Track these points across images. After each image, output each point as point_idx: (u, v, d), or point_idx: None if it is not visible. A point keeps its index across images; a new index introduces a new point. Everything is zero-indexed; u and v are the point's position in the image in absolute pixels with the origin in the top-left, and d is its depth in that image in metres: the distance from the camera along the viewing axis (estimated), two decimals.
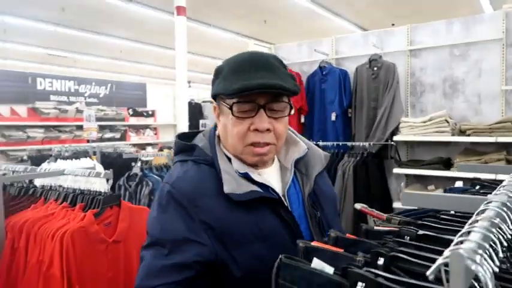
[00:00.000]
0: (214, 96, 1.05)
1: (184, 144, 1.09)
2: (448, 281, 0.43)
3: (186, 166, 1.03)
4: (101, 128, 7.87)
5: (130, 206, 1.94)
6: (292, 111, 1.04)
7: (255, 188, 0.98)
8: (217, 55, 13.07)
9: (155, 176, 3.37)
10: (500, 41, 3.48)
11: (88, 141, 5.82)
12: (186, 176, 1.01)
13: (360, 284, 0.55)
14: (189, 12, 7.57)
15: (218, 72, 1.03)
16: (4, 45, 11.85)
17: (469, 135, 3.36)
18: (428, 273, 0.45)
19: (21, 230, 1.74)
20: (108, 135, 8.31)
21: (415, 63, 3.95)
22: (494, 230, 0.53)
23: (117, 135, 8.51)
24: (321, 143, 4.14)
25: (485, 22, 3.59)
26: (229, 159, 1.04)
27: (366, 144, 3.83)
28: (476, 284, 0.45)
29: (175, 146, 1.12)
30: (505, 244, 0.54)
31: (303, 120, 4.49)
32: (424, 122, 3.54)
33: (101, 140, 7.62)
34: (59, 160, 3.79)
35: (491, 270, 0.42)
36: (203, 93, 10.31)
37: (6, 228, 1.80)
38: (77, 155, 4.37)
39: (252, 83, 0.93)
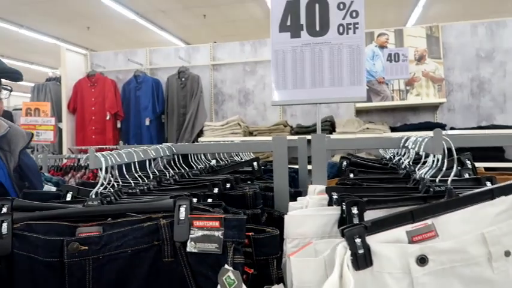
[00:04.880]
0: None
1: None
2: None
3: None
4: None
5: None
6: (6, 94, 1.21)
7: None
8: (35, 60, 12.00)
9: None
10: None
11: None
12: None
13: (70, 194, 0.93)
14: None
15: None
16: None
17: (255, 135, 4.16)
18: None
19: None
20: None
21: (217, 76, 4.65)
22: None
23: None
24: None
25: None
26: None
27: None
28: None
29: None
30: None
31: (119, 125, 4.72)
32: (222, 125, 4.22)
33: None
34: None
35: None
36: (14, 100, 9.34)
37: None
38: None
39: None
